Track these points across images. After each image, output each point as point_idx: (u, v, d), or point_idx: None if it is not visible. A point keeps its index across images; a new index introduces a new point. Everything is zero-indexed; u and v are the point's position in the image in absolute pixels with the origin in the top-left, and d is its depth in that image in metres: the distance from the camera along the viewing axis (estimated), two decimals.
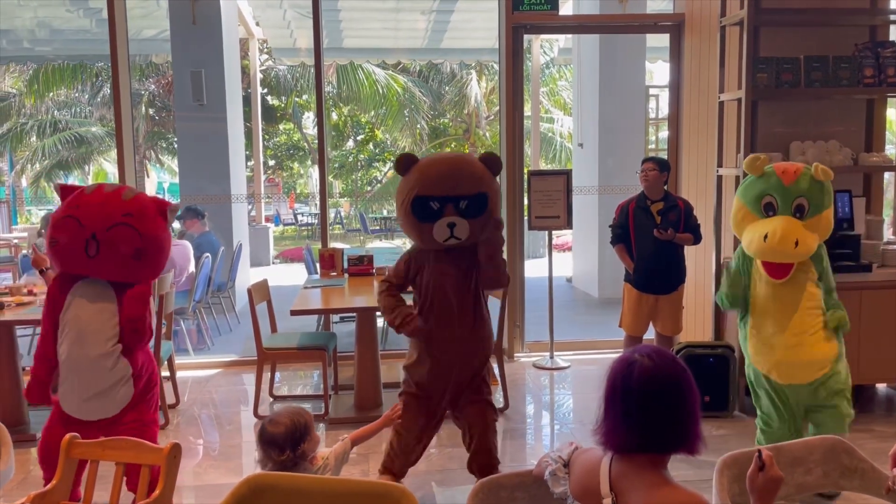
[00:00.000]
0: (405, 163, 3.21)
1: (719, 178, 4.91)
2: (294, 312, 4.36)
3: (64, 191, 3.16)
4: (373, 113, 17.51)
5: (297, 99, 18.12)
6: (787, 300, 3.26)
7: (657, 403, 1.56)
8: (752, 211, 3.28)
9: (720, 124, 4.86)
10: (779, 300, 3.26)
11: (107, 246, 2.97)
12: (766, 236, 3.15)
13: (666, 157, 5.83)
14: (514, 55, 5.69)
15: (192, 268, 6.42)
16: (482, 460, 3.41)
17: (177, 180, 16.11)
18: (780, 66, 4.44)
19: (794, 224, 3.16)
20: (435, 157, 3.35)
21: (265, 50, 14.99)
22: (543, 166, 15.86)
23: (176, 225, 7.81)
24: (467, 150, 19.24)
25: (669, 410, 1.57)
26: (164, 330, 4.67)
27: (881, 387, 4.91)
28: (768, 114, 4.70)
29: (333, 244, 8.07)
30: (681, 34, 5.74)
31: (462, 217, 3.11)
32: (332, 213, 10.47)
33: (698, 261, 5.27)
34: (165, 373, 4.81)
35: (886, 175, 5.30)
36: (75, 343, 3.04)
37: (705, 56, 5.37)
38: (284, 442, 2.42)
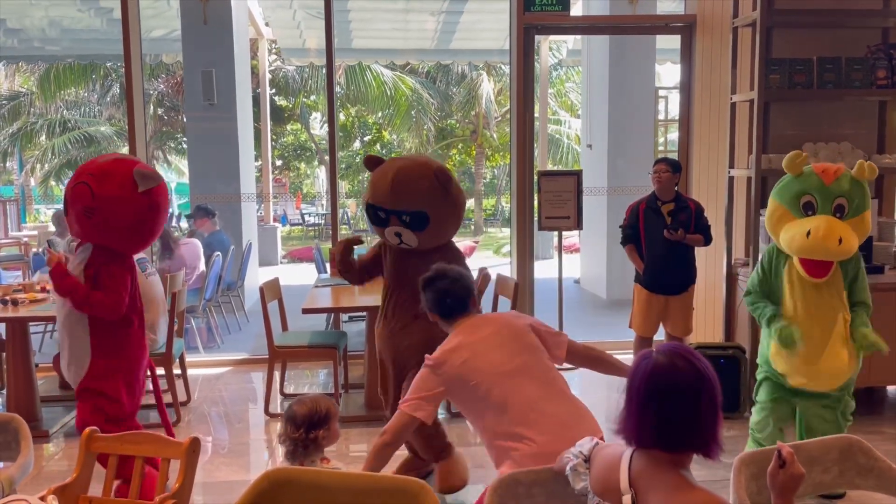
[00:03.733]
0: (370, 163, 3.43)
1: (731, 179, 4.91)
2: (306, 311, 4.38)
3: None
4: (380, 114, 17.55)
5: (305, 99, 18.17)
6: (822, 303, 3.17)
7: (666, 400, 1.57)
8: (790, 210, 3.20)
9: (732, 125, 4.86)
10: (812, 303, 3.18)
11: (68, 204, 3.12)
12: (808, 232, 3.07)
13: (676, 158, 5.83)
14: (524, 56, 5.70)
15: (202, 266, 6.44)
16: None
17: (184, 180, 16.17)
18: (792, 68, 4.44)
19: (837, 222, 3.10)
20: (386, 167, 3.33)
21: (274, 50, 15.04)
22: (551, 168, 15.86)
23: (185, 224, 7.84)
24: (474, 152, 19.28)
25: (679, 408, 1.56)
26: (175, 327, 4.69)
27: (891, 389, 4.90)
28: (780, 115, 4.70)
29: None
30: (692, 35, 5.73)
31: (407, 229, 3.24)
32: (339, 214, 10.45)
33: (708, 262, 5.27)
34: (177, 370, 4.83)
35: None
36: (57, 306, 3.21)
37: (717, 57, 5.37)
38: (301, 422, 2.49)
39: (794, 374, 3.21)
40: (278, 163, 21.04)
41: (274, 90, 17.60)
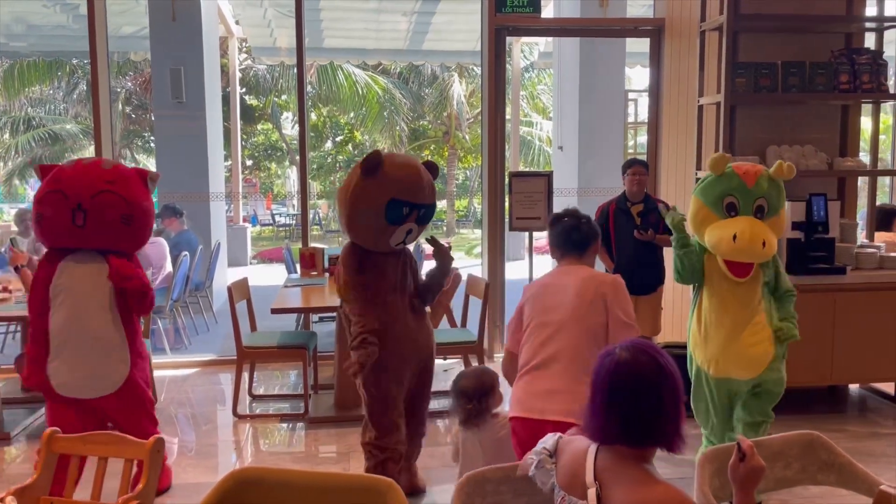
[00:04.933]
0: (375, 163, 3.11)
1: (698, 180, 4.96)
2: (275, 311, 4.34)
3: (43, 170, 3.23)
4: (352, 114, 17.48)
5: (276, 99, 18.03)
6: (739, 298, 3.28)
7: (629, 395, 1.59)
8: (713, 211, 3.30)
9: (699, 128, 4.93)
10: (730, 298, 3.29)
11: (94, 214, 3.07)
12: (734, 236, 3.18)
13: (646, 159, 5.89)
14: (496, 57, 5.72)
15: (169, 266, 6.36)
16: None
17: None
18: (758, 72, 4.51)
19: (760, 225, 3.22)
20: (405, 162, 3.26)
21: (244, 49, 14.90)
22: (522, 169, 15.94)
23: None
24: (446, 154, 19.30)
25: (642, 403, 1.58)
26: (141, 328, 4.62)
27: (854, 388, 5.00)
28: (746, 118, 4.77)
29: (313, 244, 8.04)
30: (661, 39, 5.80)
31: (418, 225, 3.20)
32: (310, 214, 10.33)
33: None
34: None
35: (860, 180, 5.41)
36: (71, 312, 3.10)
37: (685, 60, 5.44)
38: (473, 393, 2.89)
39: (712, 364, 3.31)
40: (249, 163, 20.85)
41: (244, 89, 17.44)
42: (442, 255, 3.34)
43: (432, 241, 3.38)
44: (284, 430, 4.49)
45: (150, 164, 17.85)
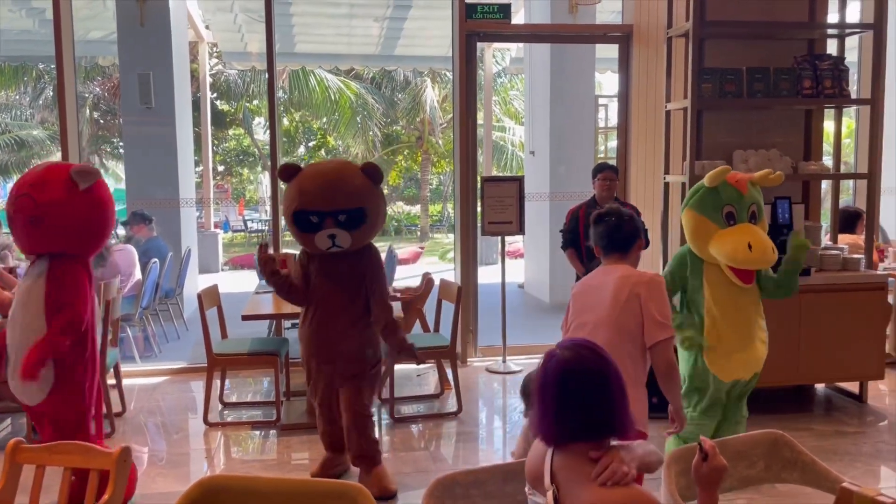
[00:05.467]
0: (287, 172, 3.40)
1: (666, 185, 5.04)
2: (246, 317, 4.31)
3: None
4: (325, 119, 17.43)
5: (247, 104, 17.91)
6: (744, 303, 3.38)
7: (577, 393, 1.62)
8: (713, 222, 3.34)
9: (667, 133, 5.00)
10: (735, 304, 3.36)
11: (12, 220, 3.11)
12: (750, 246, 3.25)
13: (616, 164, 5.96)
14: (467, 63, 5.75)
15: (138, 273, 6.28)
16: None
17: (121, 185, 15.72)
18: (723, 77, 4.59)
19: (762, 232, 3.34)
20: (315, 171, 3.45)
21: (215, 54, 14.79)
22: (495, 174, 15.99)
23: (122, 231, 7.63)
24: (420, 159, 19.31)
25: (590, 398, 1.62)
26: (109, 337, 4.56)
27: (819, 387, 5.09)
28: (713, 123, 4.85)
29: (285, 250, 7.98)
30: (629, 45, 5.88)
31: (342, 229, 3.28)
32: (282, 220, 10.28)
33: (645, 265, 5.37)
34: (111, 381, 4.70)
35: (824, 183, 5.52)
36: (11, 318, 3.15)
37: (652, 66, 5.51)
38: None
39: (727, 368, 3.36)
40: (220, 168, 20.67)
41: (215, 94, 17.30)
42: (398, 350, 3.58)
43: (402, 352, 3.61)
44: (256, 437, 4.46)
45: (119, 169, 17.61)
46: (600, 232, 2.78)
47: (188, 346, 6.61)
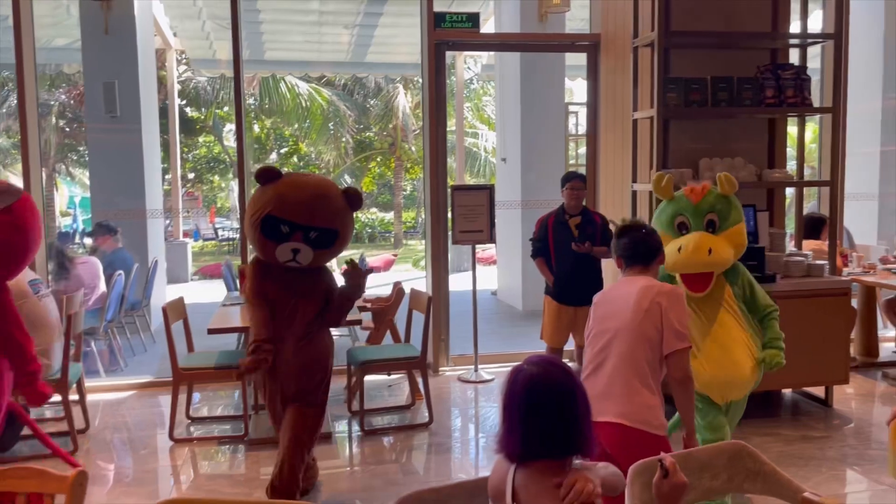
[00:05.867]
0: (267, 175, 3.24)
1: (634, 193, 5.07)
2: (212, 331, 4.25)
3: None
4: (296, 126, 17.32)
5: (217, 111, 17.75)
6: (709, 316, 3.30)
7: (544, 409, 1.61)
8: (667, 233, 3.37)
9: (634, 141, 5.03)
10: (700, 318, 3.29)
11: None
12: (679, 248, 3.25)
13: (585, 172, 5.99)
14: (436, 71, 5.75)
15: (102, 286, 6.17)
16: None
17: (89, 194, 15.47)
18: (688, 87, 4.63)
19: (708, 236, 3.28)
20: (299, 181, 3.32)
21: (184, 61, 14.64)
22: (468, 180, 16.02)
23: (88, 241, 7.49)
24: (393, 165, 19.28)
25: (557, 415, 1.62)
26: (72, 351, 4.47)
27: (787, 392, 5.15)
28: (679, 131, 4.89)
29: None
30: (597, 54, 5.92)
31: (309, 246, 3.18)
32: None
33: (615, 273, 5.41)
34: (74, 396, 4.60)
35: (788, 190, 5.59)
36: None
37: (620, 75, 5.56)
38: None
39: (714, 391, 3.27)
40: (190, 176, 20.45)
41: (185, 101, 17.12)
42: (352, 276, 3.37)
43: (350, 263, 3.41)
44: (224, 452, 4.39)
45: (85, 178, 17.34)
46: (624, 244, 2.82)
47: (155, 359, 6.50)
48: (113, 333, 6.31)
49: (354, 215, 3.43)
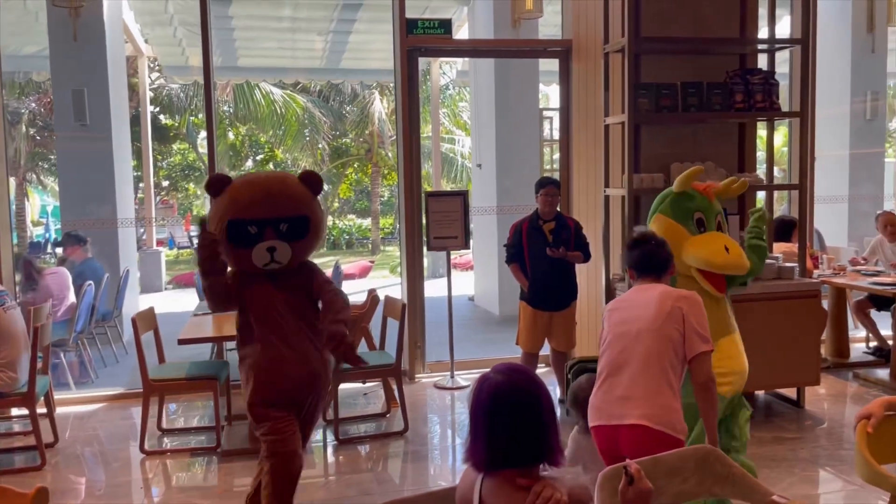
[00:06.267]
0: (216, 184, 3.05)
1: (606, 198, 5.10)
2: (182, 341, 4.19)
3: None
4: (271, 133, 17.23)
5: (192, 118, 17.60)
6: (727, 312, 3.36)
7: (509, 418, 1.61)
8: (684, 227, 3.35)
9: (606, 147, 5.06)
10: (722, 313, 3.32)
11: None
12: (726, 248, 3.24)
13: (559, 177, 6.01)
14: (409, 78, 5.74)
15: (72, 297, 6.07)
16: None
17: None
18: (659, 92, 4.67)
19: (734, 242, 3.34)
20: (248, 179, 3.19)
21: (156, 68, 14.50)
22: (445, 186, 16.02)
23: (59, 251, 7.38)
24: (370, 171, 19.23)
25: (523, 424, 1.61)
26: (40, 364, 4.39)
27: (760, 393, 5.19)
28: (650, 136, 4.92)
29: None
30: (569, 60, 5.94)
31: (283, 241, 2.99)
32: None
33: (589, 278, 5.44)
34: (42, 410, 4.52)
35: (760, 193, 5.65)
36: None
37: (591, 81, 5.58)
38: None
39: (725, 386, 3.22)
40: (165, 184, 20.25)
41: (158, 108, 16.96)
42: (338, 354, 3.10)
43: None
44: (197, 464, 4.34)
45: (56, 187, 17.11)
46: (636, 256, 2.85)
47: (128, 370, 6.41)
48: (83, 345, 6.21)
49: (330, 220, 3.33)
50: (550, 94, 14.11)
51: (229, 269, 3.14)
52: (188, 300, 9.84)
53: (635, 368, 2.64)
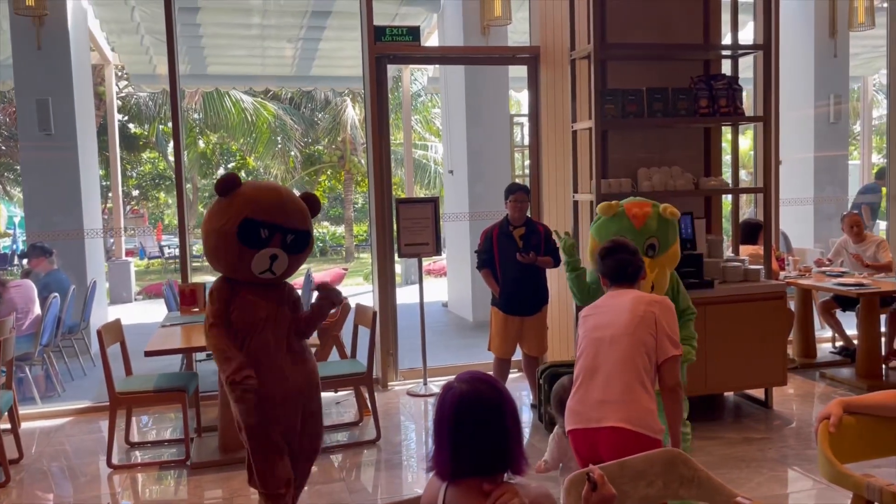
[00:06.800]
0: (228, 183, 3.01)
1: (575, 203, 5.13)
2: (149, 353, 4.13)
3: None
4: (242, 140, 17.11)
5: (161, 126, 17.42)
6: None
7: (472, 427, 1.61)
8: None
9: (574, 152, 5.09)
10: None
11: None
12: None
13: (529, 183, 6.04)
14: (378, 85, 5.73)
15: (37, 309, 5.96)
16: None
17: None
18: (625, 98, 4.71)
19: (648, 269, 3.36)
20: (263, 184, 3.21)
21: (123, 76, 14.33)
22: (419, 193, 16.03)
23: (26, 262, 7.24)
24: (343, 178, 19.17)
25: (485, 433, 1.61)
26: (3, 379, 4.30)
27: (729, 395, 5.25)
28: (617, 142, 4.97)
29: (205, 278, 7.76)
30: (537, 66, 5.98)
31: (285, 252, 3.00)
32: (194, 246, 9.88)
33: (560, 283, 5.46)
34: (6, 425, 4.43)
35: (728, 196, 5.73)
36: None
37: (559, 87, 5.63)
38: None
39: None
40: (135, 193, 20.00)
41: (126, 117, 16.76)
42: (325, 298, 3.19)
43: (321, 287, 3.24)
44: (166, 478, 4.28)
45: (22, 197, 16.82)
46: (609, 266, 2.88)
47: (95, 383, 6.30)
48: (49, 358, 6.09)
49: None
50: (522, 101, 14.19)
51: (218, 276, 3.12)
52: (158, 311, 9.72)
53: (611, 372, 2.67)
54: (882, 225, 9.13)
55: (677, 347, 2.70)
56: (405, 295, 6.64)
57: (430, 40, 9.62)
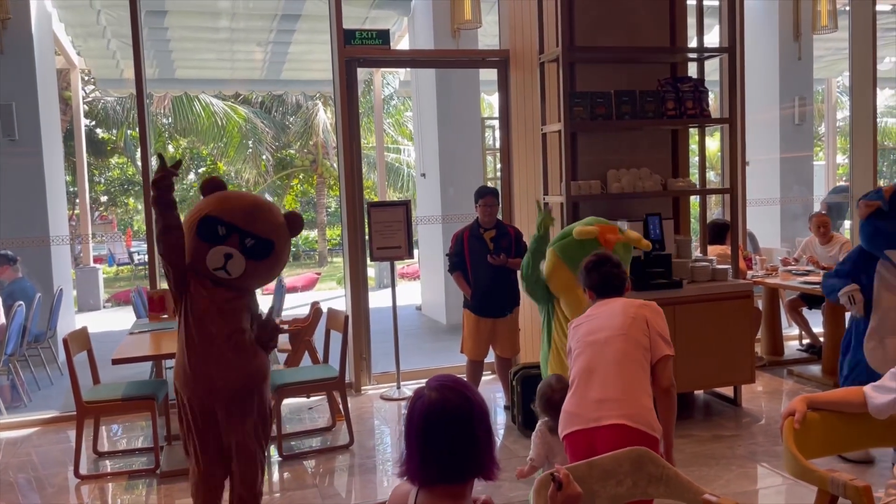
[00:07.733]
0: (210, 185, 3.22)
1: (546, 205, 5.15)
2: (116, 361, 4.07)
3: None
4: (213, 145, 16.94)
5: (129, 131, 17.18)
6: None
7: (444, 435, 1.61)
8: (571, 271, 3.52)
9: (544, 155, 5.13)
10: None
11: None
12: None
13: (500, 185, 6.06)
14: (348, 88, 5.72)
15: (1, 318, 5.84)
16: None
17: None
18: (594, 101, 4.75)
19: None
20: (243, 193, 3.38)
21: (90, 80, 14.12)
22: (391, 196, 16.00)
23: None
24: (315, 182, 19.07)
25: (457, 440, 1.61)
26: None
27: (699, 393, 5.32)
28: (586, 144, 5.01)
29: (164, 286, 7.64)
30: (507, 69, 6.01)
31: (242, 254, 3.06)
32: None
33: None
34: None
35: (696, 197, 5.80)
36: None
37: (529, 90, 5.66)
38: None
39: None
40: (104, 199, 19.70)
41: (94, 122, 16.51)
42: (262, 330, 3.21)
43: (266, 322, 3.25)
44: (136, 487, 4.21)
45: None
46: (595, 280, 2.93)
47: (62, 392, 6.20)
48: (15, 368, 5.98)
49: (290, 248, 3.36)
50: (494, 104, 14.22)
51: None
52: (127, 318, 9.58)
53: (608, 371, 2.69)
54: (847, 224, 9.32)
55: (670, 347, 2.76)
56: (378, 299, 6.62)
57: (401, 43, 9.62)
